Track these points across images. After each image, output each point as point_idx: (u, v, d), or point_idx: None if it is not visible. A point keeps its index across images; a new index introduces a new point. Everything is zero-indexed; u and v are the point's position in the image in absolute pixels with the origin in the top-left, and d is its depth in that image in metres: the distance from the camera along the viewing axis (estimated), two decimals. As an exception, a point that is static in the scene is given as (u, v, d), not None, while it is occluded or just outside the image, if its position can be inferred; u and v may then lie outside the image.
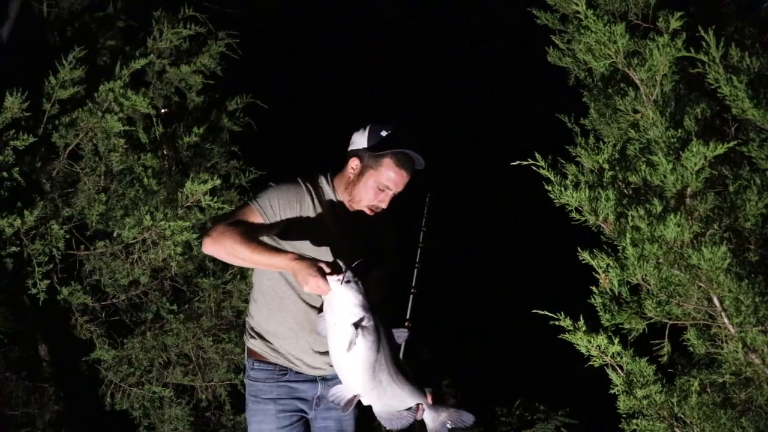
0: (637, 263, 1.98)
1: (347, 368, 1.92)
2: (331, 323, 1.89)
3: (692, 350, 2.15)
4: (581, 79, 2.53)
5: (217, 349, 3.86)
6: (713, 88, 1.98)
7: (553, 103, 2.46)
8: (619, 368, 2.14)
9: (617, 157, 2.12)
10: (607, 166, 2.10)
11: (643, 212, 1.95)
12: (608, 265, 2.06)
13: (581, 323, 2.13)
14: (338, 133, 2.35)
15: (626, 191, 2.11)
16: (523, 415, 4.68)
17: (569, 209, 2.08)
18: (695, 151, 1.86)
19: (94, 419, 3.91)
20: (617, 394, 2.15)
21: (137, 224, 3.34)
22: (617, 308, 2.11)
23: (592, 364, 2.13)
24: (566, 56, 2.51)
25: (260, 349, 2.25)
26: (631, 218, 1.99)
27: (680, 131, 1.97)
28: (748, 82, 1.90)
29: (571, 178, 2.11)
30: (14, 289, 3.43)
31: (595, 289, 2.13)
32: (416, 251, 2.73)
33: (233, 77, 4.07)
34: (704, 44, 1.92)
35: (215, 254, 2.04)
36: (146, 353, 3.76)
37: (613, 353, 2.11)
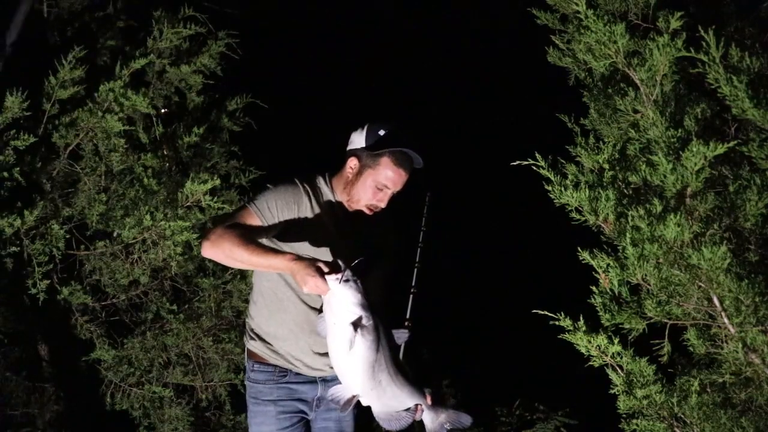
0: (637, 263, 1.98)
1: (346, 368, 1.92)
2: (330, 323, 1.89)
3: (692, 350, 2.15)
4: (581, 79, 2.53)
5: (217, 349, 3.86)
6: (713, 88, 1.98)
7: (553, 103, 2.46)
8: (619, 368, 2.14)
9: (617, 157, 2.12)
10: (607, 166, 2.10)
11: (643, 212, 1.95)
12: (608, 265, 2.06)
13: (581, 323, 2.12)
14: (338, 133, 2.35)
15: (626, 191, 2.11)
16: (523, 415, 4.68)
17: (569, 209, 2.08)
18: (695, 151, 1.86)
19: (94, 419, 3.91)
20: (617, 394, 2.15)
21: (137, 224, 3.34)
22: (617, 308, 2.10)
23: (592, 364, 2.13)
24: (566, 56, 2.50)
25: (260, 350, 2.25)
26: (631, 218, 1.99)
27: (680, 131, 1.97)
28: (748, 82, 1.90)
29: (571, 178, 2.11)
30: (14, 289, 3.44)
31: (595, 289, 2.13)
32: (416, 251, 2.72)
33: (233, 77, 4.06)
34: (704, 44, 1.92)
35: (214, 257, 2.04)
36: (146, 353, 3.76)
37: (613, 353, 2.11)
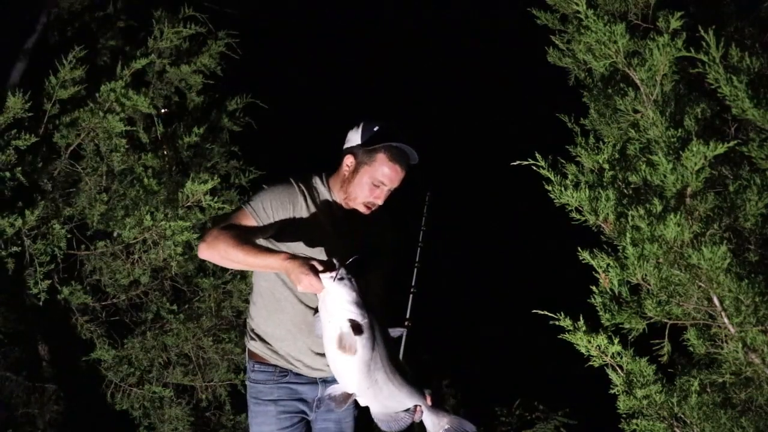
0: (637, 263, 1.98)
1: (342, 366, 1.90)
2: (325, 321, 1.88)
3: (692, 350, 2.15)
4: (581, 79, 2.53)
5: (217, 349, 3.86)
6: (713, 88, 1.98)
7: (553, 103, 2.46)
8: (619, 368, 2.14)
9: (617, 157, 2.12)
10: (607, 166, 2.10)
11: (643, 212, 1.95)
12: (608, 264, 2.06)
13: (581, 323, 2.12)
14: (338, 133, 2.35)
15: (626, 191, 2.11)
16: (523, 415, 4.68)
17: (569, 209, 2.08)
18: (695, 150, 1.86)
19: (94, 419, 3.91)
20: (617, 394, 2.15)
21: (138, 224, 3.34)
22: (617, 308, 2.10)
23: (592, 364, 2.13)
24: (566, 56, 2.51)
25: (260, 350, 2.25)
26: (631, 218, 1.99)
27: (680, 131, 1.97)
28: (748, 82, 1.91)
29: (571, 178, 2.11)
30: (15, 289, 3.44)
31: (595, 288, 2.13)
32: (416, 250, 2.72)
33: (233, 77, 4.07)
34: (704, 44, 1.92)
35: (210, 258, 2.05)
36: (146, 353, 3.76)
37: (613, 353, 2.11)
